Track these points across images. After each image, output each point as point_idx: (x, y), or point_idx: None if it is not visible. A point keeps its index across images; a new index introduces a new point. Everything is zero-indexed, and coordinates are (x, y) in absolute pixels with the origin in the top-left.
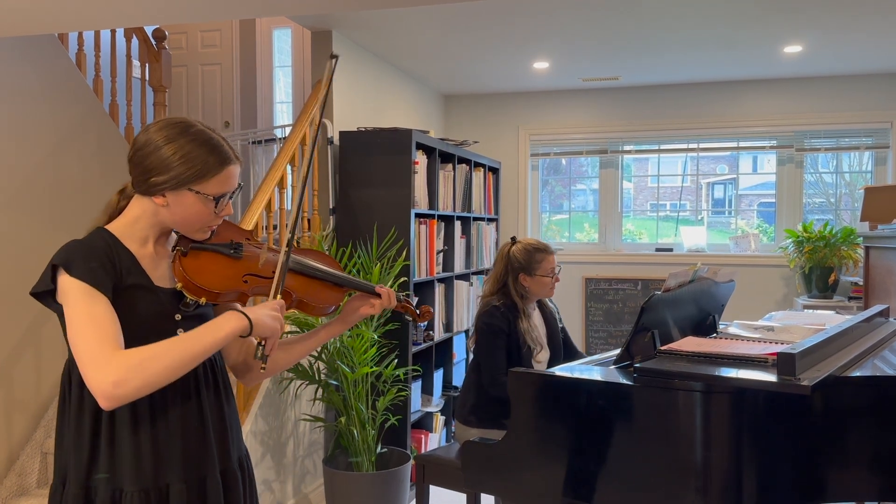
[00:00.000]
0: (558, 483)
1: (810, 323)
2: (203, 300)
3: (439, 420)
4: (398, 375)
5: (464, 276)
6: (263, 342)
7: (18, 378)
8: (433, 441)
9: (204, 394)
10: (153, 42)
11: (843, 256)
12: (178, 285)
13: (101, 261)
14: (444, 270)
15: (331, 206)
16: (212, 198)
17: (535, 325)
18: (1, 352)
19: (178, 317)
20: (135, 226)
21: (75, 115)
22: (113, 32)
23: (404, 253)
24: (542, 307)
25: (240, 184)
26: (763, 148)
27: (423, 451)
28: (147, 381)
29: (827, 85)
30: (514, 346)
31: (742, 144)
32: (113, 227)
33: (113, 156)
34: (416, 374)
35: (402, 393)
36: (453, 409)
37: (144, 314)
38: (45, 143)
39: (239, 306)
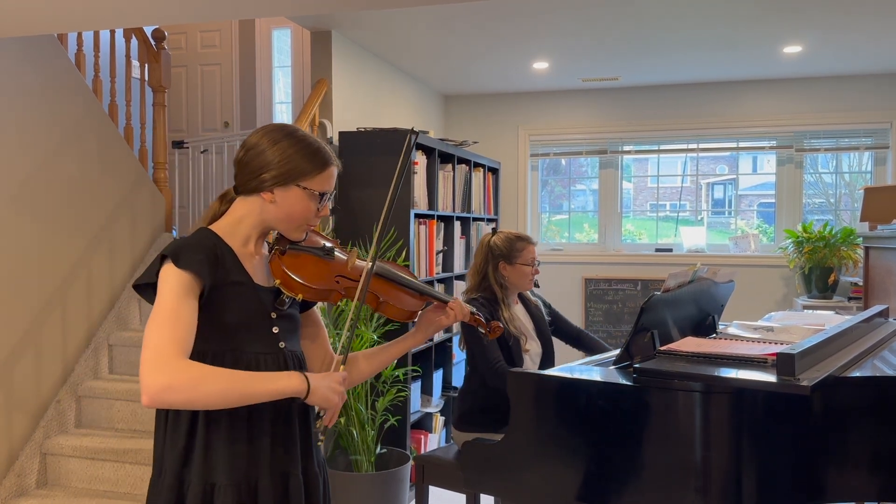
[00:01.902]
0: (558, 483)
1: (810, 323)
2: (299, 296)
3: (439, 420)
4: (397, 376)
5: (463, 277)
6: (322, 413)
7: (18, 378)
8: (433, 441)
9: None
10: (152, 42)
11: (842, 257)
12: (277, 282)
13: (208, 255)
14: (443, 271)
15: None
16: (317, 193)
17: (518, 316)
18: (1, 352)
19: (273, 315)
20: (239, 225)
21: (75, 115)
22: (112, 33)
23: (404, 253)
24: (526, 302)
25: (335, 189)
26: (763, 148)
27: (422, 451)
28: (192, 400)
29: (827, 85)
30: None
31: (742, 145)
32: (216, 227)
33: (112, 156)
34: (415, 374)
35: (402, 393)
36: (452, 411)
37: (244, 309)
38: (44, 143)
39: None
